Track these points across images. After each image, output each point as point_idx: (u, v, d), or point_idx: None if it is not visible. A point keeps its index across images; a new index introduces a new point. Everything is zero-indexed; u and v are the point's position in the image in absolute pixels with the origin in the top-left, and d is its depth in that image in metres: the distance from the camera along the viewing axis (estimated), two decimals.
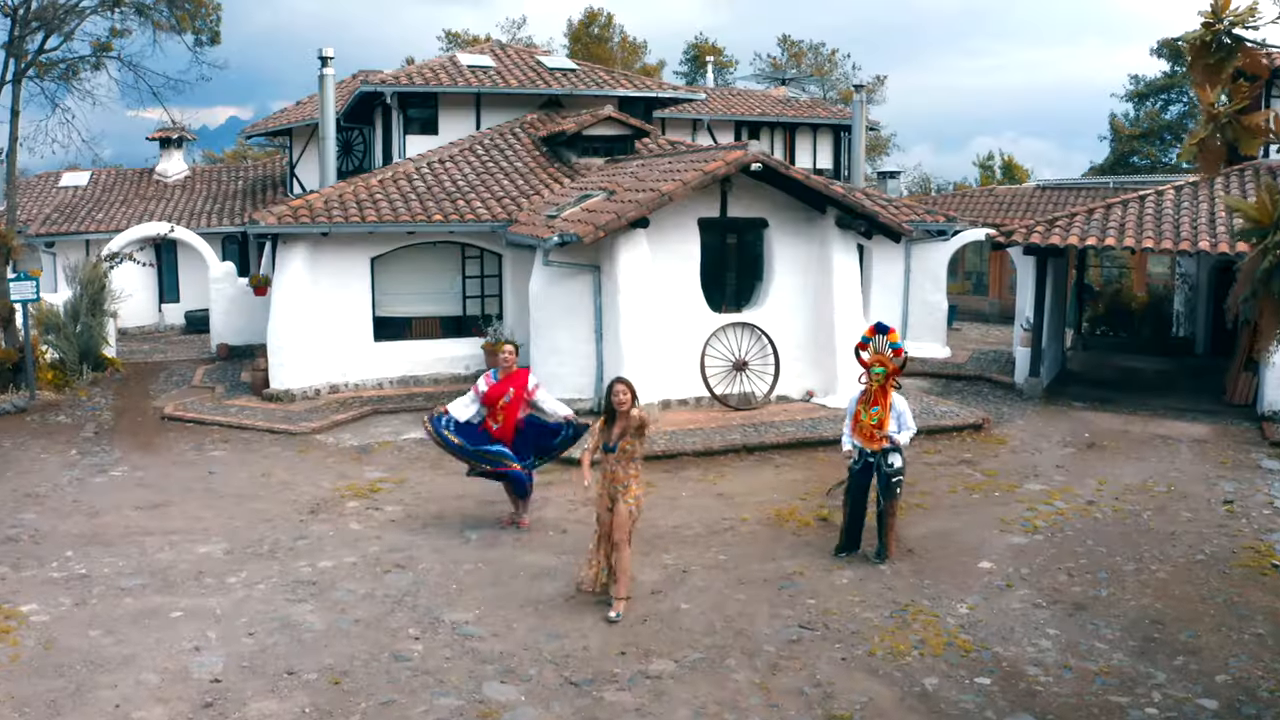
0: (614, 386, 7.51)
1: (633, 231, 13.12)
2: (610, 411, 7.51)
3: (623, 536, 7.43)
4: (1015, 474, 11.38)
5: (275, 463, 11.72)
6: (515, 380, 9.20)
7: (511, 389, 9.16)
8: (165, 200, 24.97)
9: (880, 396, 8.67)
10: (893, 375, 8.80)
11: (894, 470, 8.65)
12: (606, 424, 7.55)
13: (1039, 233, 15.29)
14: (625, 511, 7.44)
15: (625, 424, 7.42)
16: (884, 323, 9.14)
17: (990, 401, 15.09)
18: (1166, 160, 39.82)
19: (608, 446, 7.50)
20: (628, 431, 7.42)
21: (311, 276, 14.81)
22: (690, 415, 13.52)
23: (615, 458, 7.46)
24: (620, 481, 7.47)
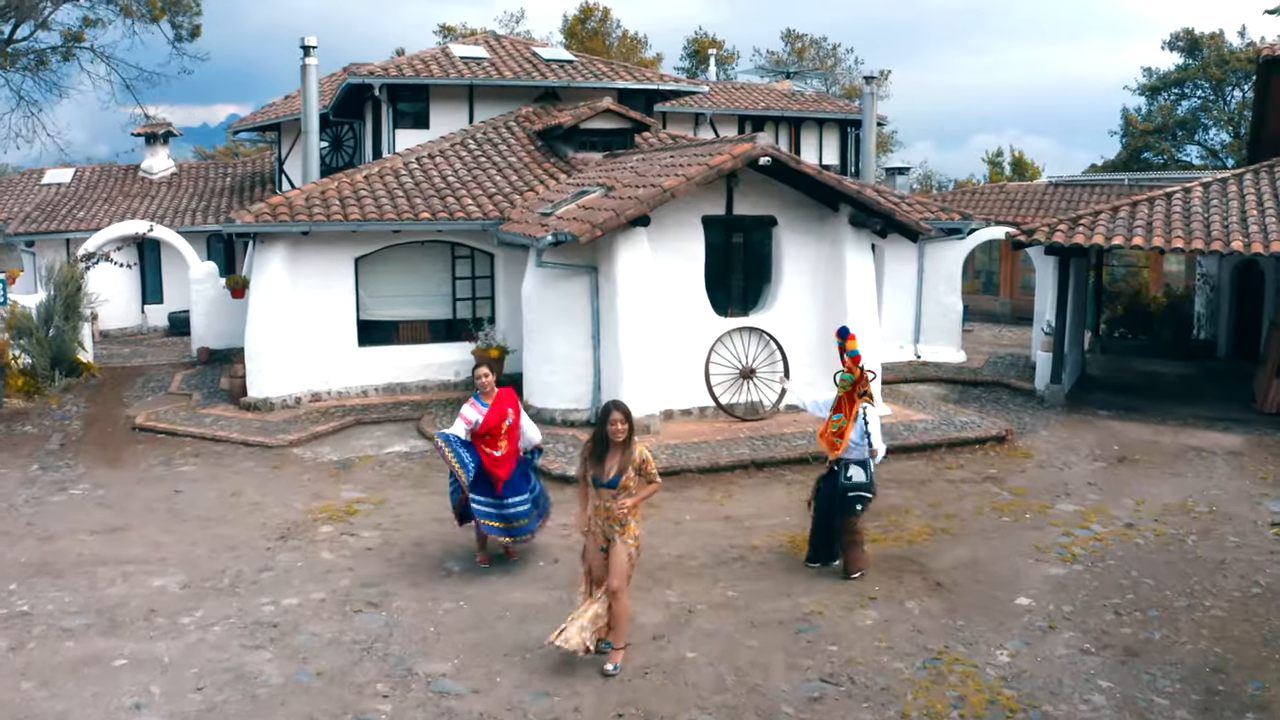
0: (609, 414, 6.57)
1: (632, 230, 12.21)
2: (602, 439, 6.59)
3: (621, 583, 6.51)
4: (1045, 492, 10.48)
5: (247, 480, 10.82)
6: (508, 400, 8.28)
7: (510, 409, 8.23)
8: (150, 198, 24.05)
9: (846, 404, 8.07)
10: (858, 383, 8.14)
11: (851, 484, 8.04)
12: (596, 453, 6.60)
13: (1062, 231, 14.38)
14: (623, 555, 6.51)
15: (622, 458, 6.51)
16: (845, 327, 8.61)
17: (1010, 410, 14.18)
18: (1182, 156, 38.82)
19: (599, 481, 6.56)
20: (627, 467, 6.50)
21: (291, 278, 13.91)
22: (694, 427, 12.62)
23: (612, 494, 6.54)
24: (616, 519, 6.54)
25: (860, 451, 8.15)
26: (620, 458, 6.49)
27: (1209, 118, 39.55)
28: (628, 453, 6.50)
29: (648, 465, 6.55)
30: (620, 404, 6.64)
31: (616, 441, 6.51)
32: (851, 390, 8.24)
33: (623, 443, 6.50)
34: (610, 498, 6.51)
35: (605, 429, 6.54)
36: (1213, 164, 37.57)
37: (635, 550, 6.57)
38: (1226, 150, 38.82)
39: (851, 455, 8.16)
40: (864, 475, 8.17)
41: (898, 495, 10.27)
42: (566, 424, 12.66)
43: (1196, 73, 38.55)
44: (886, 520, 9.46)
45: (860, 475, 8.16)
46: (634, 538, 6.56)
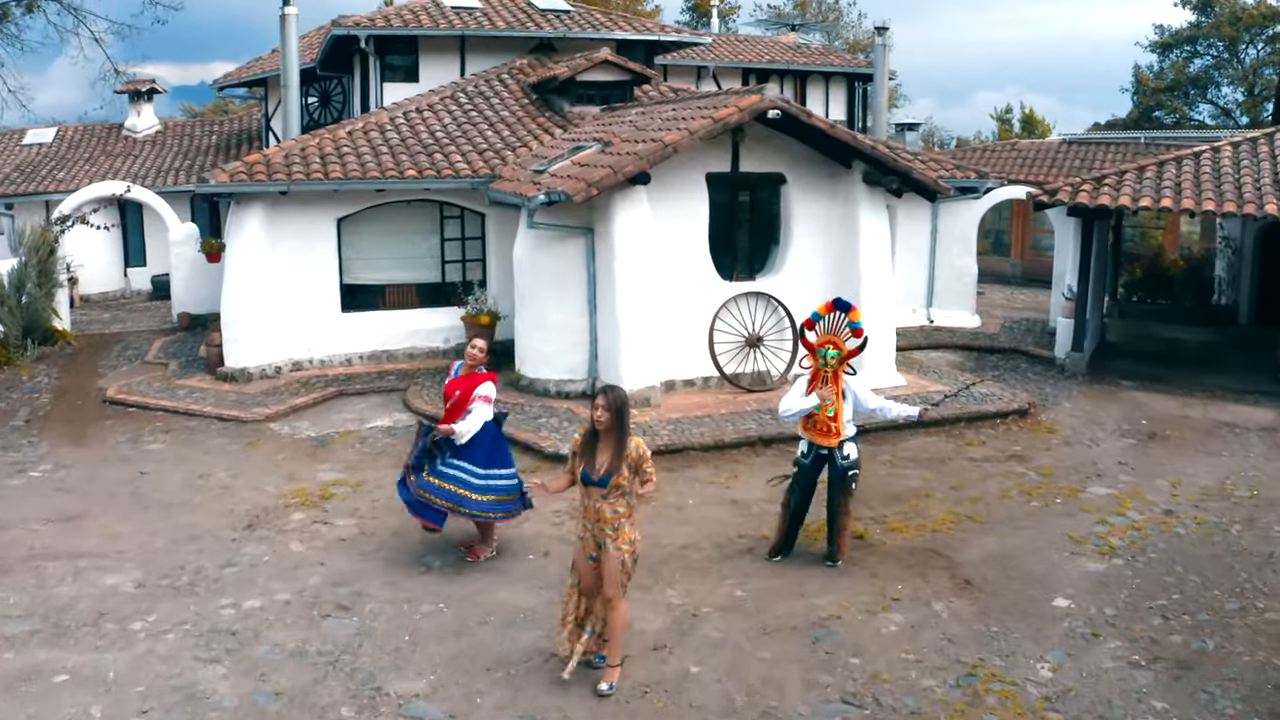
0: (594, 399, 5.70)
1: (631, 189, 11.23)
2: (592, 430, 5.74)
3: (615, 591, 5.68)
4: (1074, 473, 9.64)
5: (218, 460, 9.98)
6: (468, 383, 7.40)
7: (458, 392, 7.37)
8: (133, 157, 22.94)
9: (834, 382, 7.36)
10: (847, 359, 7.42)
11: (851, 464, 7.43)
12: (585, 446, 5.73)
13: (1086, 192, 13.38)
14: (616, 561, 5.67)
15: (613, 453, 5.63)
16: (844, 299, 7.78)
17: (1030, 379, 13.29)
18: (1194, 115, 37.47)
19: (589, 478, 5.69)
20: (620, 465, 5.62)
21: (270, 240, 12.94)
22: (697, 398, 11.75)
23: (602, 493, 5.68)
24: (608, 523, 5.68)
25: (850, 428, 7.51)
26: (611, 452, 5.62)
27: (1222, 75, 38.12)
28: (620, 447, 5.62)
29: (644, 463, 5.67)
30: (611, 389, 5.73)
31: (602, 430, 5.64)
32: (839, 364, 7.44)
33: (612, 434, 5.62)
34: (600, 497, 5.66)
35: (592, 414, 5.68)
36: (1224, 123, 36.27)
37: (630, 557, 5.73)
38: (1240, 109, 37.46)
39: (850, 432, 7.51)
40: (856, 450, 7.55)
41: (917, 476, 9.44)
42: (561, 395, 11.80)
43: (1210, 30, 37.05)
44: (906, 506, 8.63)
45: (854, 451, 7.53)
46: (629, 543, 5.71)
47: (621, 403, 5.64)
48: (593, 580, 5.79)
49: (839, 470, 7.45)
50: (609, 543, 5.66)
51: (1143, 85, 38.41)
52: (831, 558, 7.48)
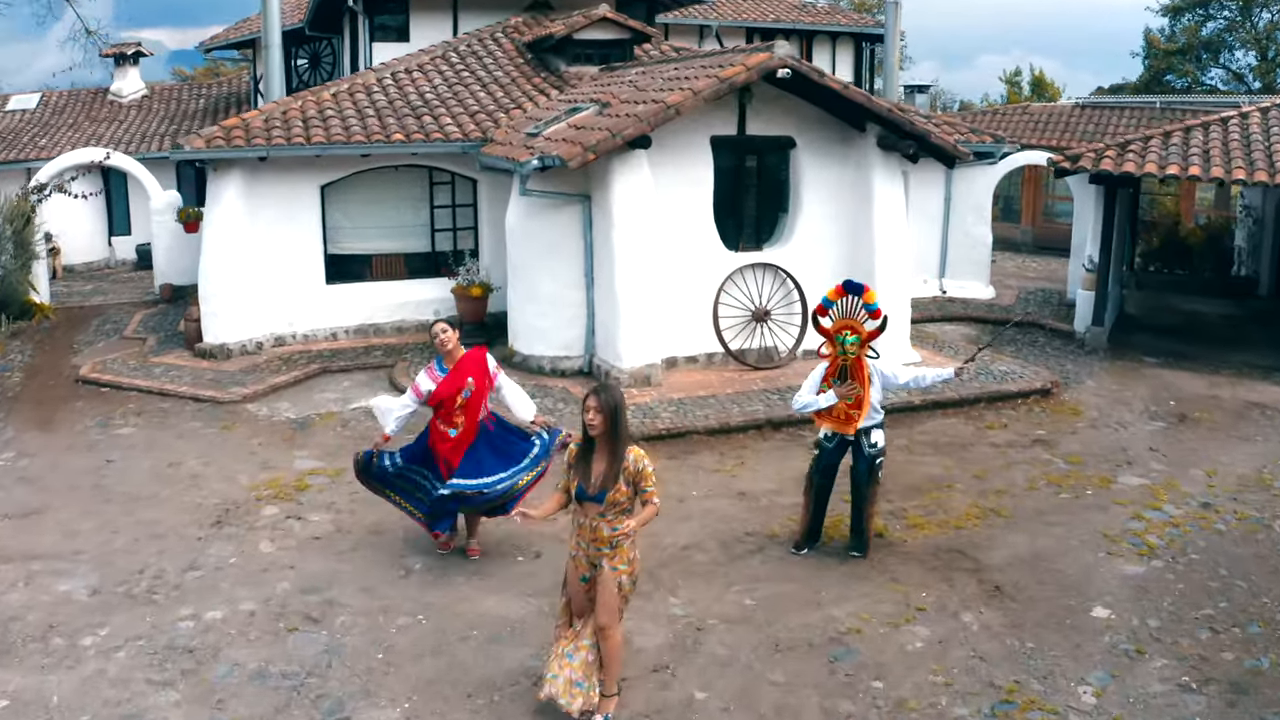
0: (585, 400, 4.95)
1: (630, 153, 10.39)
2: (586, 438, 4.98)
3: (610, 619, 4.97)
4: (1103, 460, 8.92)
5: (190, 445, 9.26)
6: (471, 366, 6.66)
7: (470, 379, 6.59)
8: (118, 123, 21.97)
9: (856, 370, 6.75)
10: (867, 341, 6.78)
11: (878, 450, 6.86)
12: (580, 456, 4.98)
13: (1110, 158, 12.52)
14: (612, 584, 4.96)
15: (610, 465, 4.89)
16: (854, 280, 7.11)
17: (1049, 355, 12.53)
18: (1206, 79, 36.18)
19: (583, 493, 4.95)
20: (617, 477, 4.87)
21: (249, 209, 12.12)
22: (701, 376, 11.01)
23: (598, 510, 4.95)
24: (604, 541, 4.97)
25: (880, 411, 6.88)
26: (607, 463, 4.88)
27: (1235, 39, 36.75)
28: (616, 456, 4.88)
29: (644, 479, 4.91)
30: (604, 389, 4.97)
31: (596, 436, 4.89)
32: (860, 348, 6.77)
33: (607, 440, 4.89)
34: (596, 514, 4.93)
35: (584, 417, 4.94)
36: (1236, 88, 35.03)
37: (628, 578, 5.02)
38: (1254, 73, 36.18)
39: (872, 420, 6.85)
40: (883, 437, 6.94)
41: (936, 464, 8.73)
42: (556, 373, 11.06)
43: None
44: (927, 499, 7.92)
45: (881, 439, 6.91)
46: (626, 562, 5.00)
47: (616, 404, 4.89)
48: (584, 603, 5.08)
49: (865, 459, 6.82)
50: (604, 563, 4.95)
51: (1154, 48, 37.07)
52: (858, 548, 6.89)
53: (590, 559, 4.99)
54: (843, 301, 6.89)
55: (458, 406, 6.56)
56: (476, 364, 6.64)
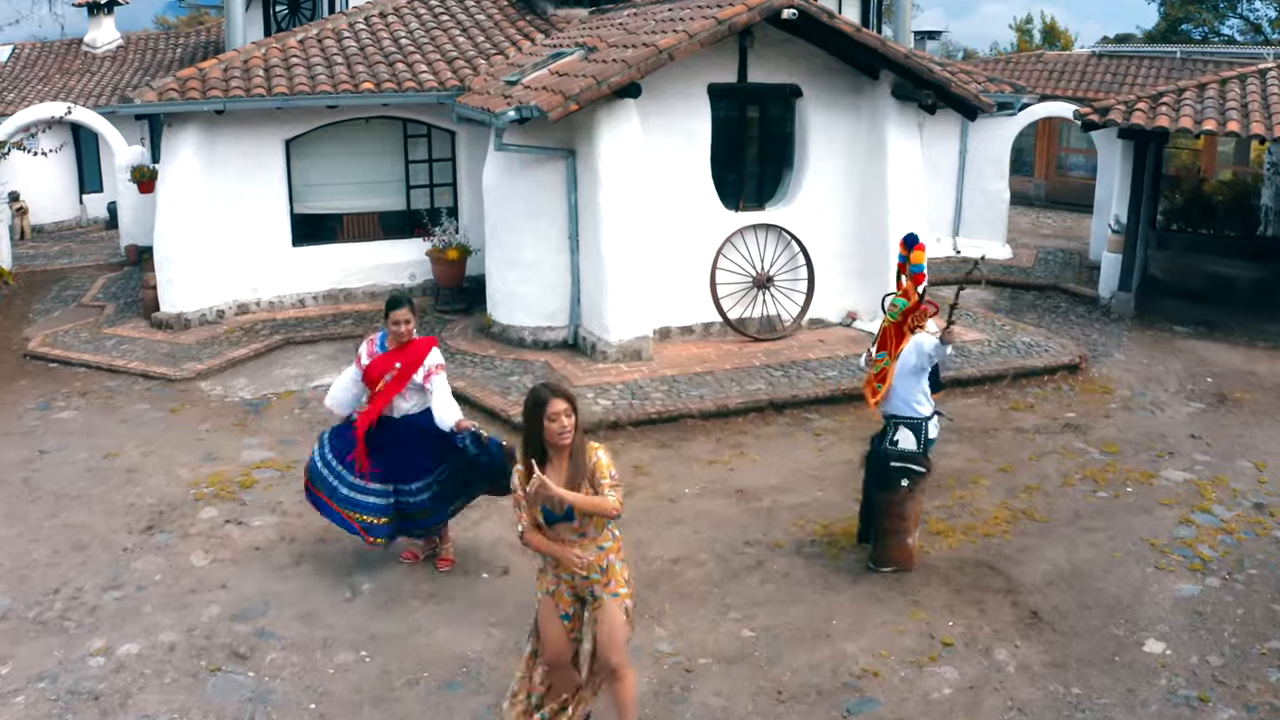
0: (542, 402, 3.87)
1: (618, 103, 9.21)
2: (538, 440, 3.93)
3: (622, 657, 4.00)
4: (1142, 449, 7.90)
5: (132, 432, 8.25)
6: (409, 353, 5.66)
7: (399, 364, 5.64)
8: (90, 75, 20.62)
9: (890, 340, 5.87)
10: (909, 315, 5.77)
11: (895, 452, 5.73)
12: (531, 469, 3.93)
13: (1142, 111, 11.31)
14: (618, 613, 3.99)
15: (572, 471, 3.90)
16: (912, 233, 6.06)
17: (1073, 322, 11.45)
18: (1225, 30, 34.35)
19: (552, 515, 3.94)
20: (580, 486, 3.89)
21: (207, 166, 10.96)
22: (697, 349, 9.96)
23: (573, 529, 3.95)
24: (590, 567, 3.99)
25: (912, 405, 5.76)
26: (570, 471, 3.90)
27: None
28: (580, 460, 3.90)
29: (600, 472, 3.90)
30: (553, 388, 3.95)
31: (561, 445, 3.89)
32: (902, 320, 5.79)
33: (569, 447, 3.89)
34: (573, 535, 3.95)
35: (540, 427, 3.89)
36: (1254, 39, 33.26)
37: (630, 600, 4.06)
38: (1272, 25, 34.34)
39: (899, 410, 5.79)
40: (914, 441, 5.76)
41: (959, 453, 7.71)
42: (538, 345, 10.01)
43: None
44: (951, 499, 6.92)
45: (909, 441, 5.77)
46: (625, 583, 4.03)
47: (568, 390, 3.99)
48: (564, 647, 4.11)
49: (880, 457, 5.82)
50: (600, 591, 3.97)
51: None
52: (872, 560, 5.92)
53: (576, 592, 4.02)
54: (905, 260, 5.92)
55: (378, 389, 5.66)
56: (414, 352, 5.64)
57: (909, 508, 5.78)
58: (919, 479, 5.77)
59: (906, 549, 5.86)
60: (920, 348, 5.64)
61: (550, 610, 4.10)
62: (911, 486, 5.73)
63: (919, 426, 5.76)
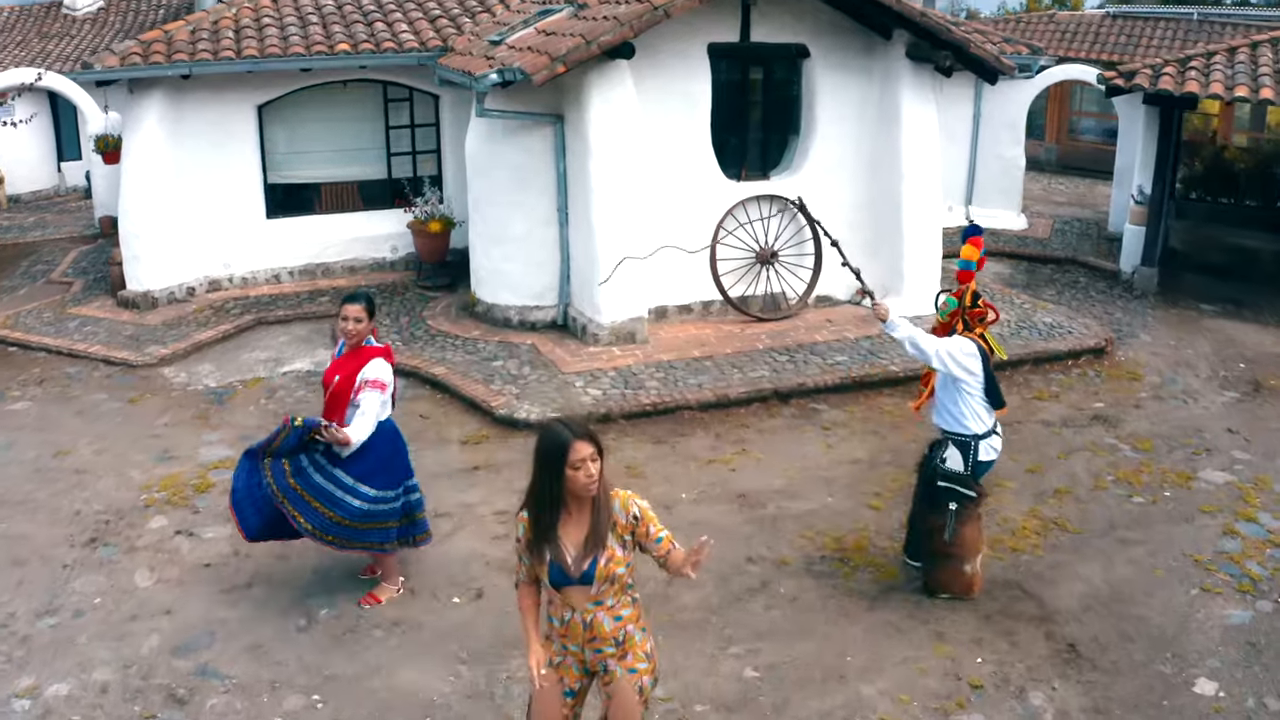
0: (564, 445, 3.10)
1: (610, 64, 8.37)
2: (550, 498, 3.18)
3: None
4: (1176, 446, 7.19)
5: (87, 426, 7.54)
6: (354, 362, 4.94)
7: (338, 377, 4.95)
8: (68, 38, 19.61)
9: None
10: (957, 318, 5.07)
11: (942, 471, 4.98)
12: (541, 525, 3.20)
13: (1170, 76, 10.43)
14: (632, 692, 3.30)
15: (596, 524, 3.18)
16: (974, 224, 5.34)
17: (1094, 299, 10.69)
18: None
19: (561, 577, 3.22)
20: (605, 538, 3.18)
21: (174, 135, 10.12)
22: (695, 331, 9.21)
23: (587, 595, 3.24)
24: (608, 638, 3.27)
25: (960, 421, 4.99)
26: (592, 525, 3.18)
27: None
28: (603, 510, 3.19)
29: (647, 520, 3.24)
30: (575, 426, 3.17)
31: (587, 496, 3.16)
32: (950, 320, 5.06)
33: (596, 495, 3.18)
34: (588, 602, 3.24)
35: (559, 474, 3.13)
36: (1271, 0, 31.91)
37: (650, 678, 3.37)
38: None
39: (947, 425, 5.05)
40: (961, 461, 5.01)
41: None
42: (525, 326, 9.25)
43: None
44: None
45: (957, 461, 5.01)
46: (645, 657, 3.35)
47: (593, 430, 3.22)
48: None
49: (926, 474, 5.10)
50: (614, 666, 3.29)
51: None
52: (926, 587, 5.21)
53: (586, 665, 3.32)
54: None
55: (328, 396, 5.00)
56: (352, 364, 4.91)
57: (961, 533, 5.03)
58: (968, 504, 5.01)
59: (963, 577, 5.14)
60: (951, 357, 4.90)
61: (551, 687, 3.32)
62: (960, 511, 4.98)
63: (967, 446, 5.00)
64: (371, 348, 4.95)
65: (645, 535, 3.23)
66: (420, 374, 8.17)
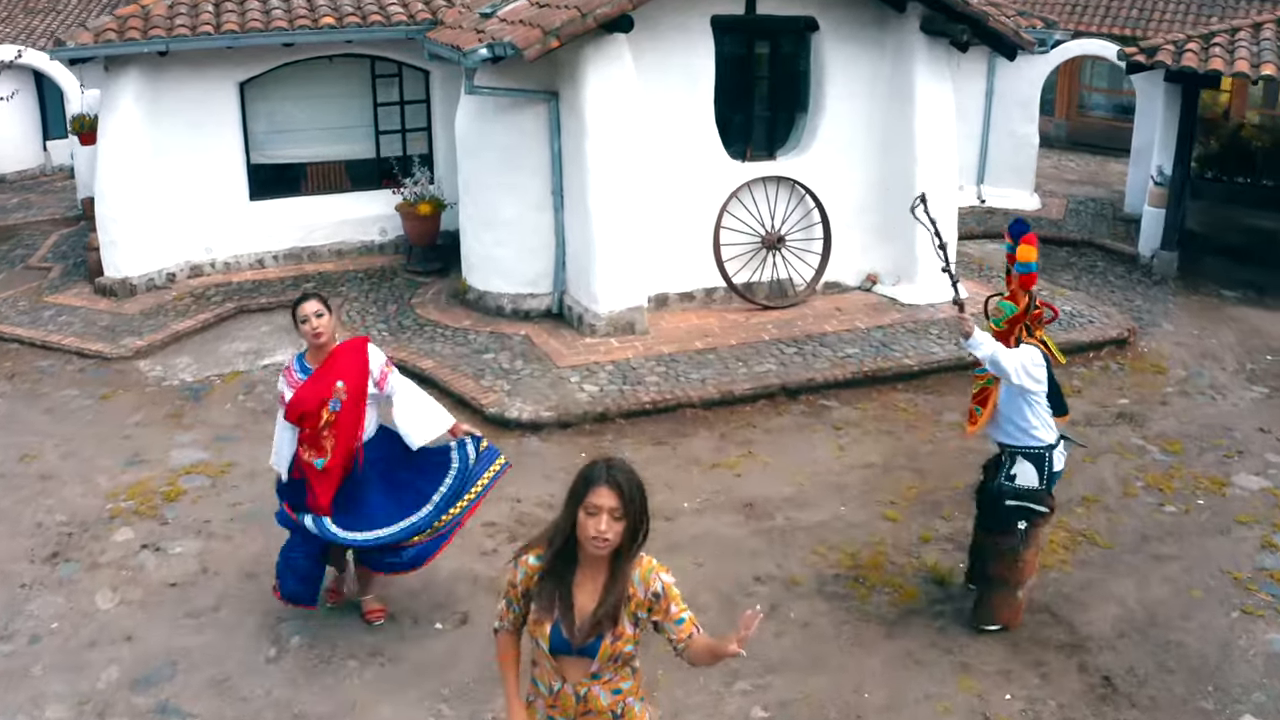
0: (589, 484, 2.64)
1: (607, 38, 7.82)
2: (565, 550, 2.72)
3: None
4: (1207, 447, 6.73)
5: (56, 426, 7.08)
6: (343, 364, 4.39)
7: (341, 382, 4.36)
8: (54, 14, 18.97)
9: None
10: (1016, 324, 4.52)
11: (1012, 489, 4.50)
12: (549, 579, 2.74)
13: (1194, 52, 9.87)
14: None
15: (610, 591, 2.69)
16: (1021, 221, 4.64)
17: (1113, 285, 10.18)
18: None
19: (562, 643, 2.73)
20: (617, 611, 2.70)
21: (152, 115, 9.56)
22: (697, 320, 8.72)
23: (588, 666, 2.76)
24: (604, 711, 2.80)
25: (1030, 433, 4.52)
26: (605, 591, 2.70)
27: None
28: (621, 579, 2.71)
29: (671, 600, 2.77)
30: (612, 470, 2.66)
31: (597, 548, 2.67)
32: (1011, 328, 4.52)
33: (612, 558, 2.71)
34: (584, 675, 2.77)
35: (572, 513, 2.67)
36: None
37: None
38: None
39: (1014, 440, 4.55)
40: (1035, 476, 4.54)
41: None
42: (518, 315, 8.76)
43: None
44: None
45: (1029, 476, 4.54)
46: None
47: (641, 496, 2.68)
48: None
49: (990, 494, 4.64)
50: None
51: None
52: (975, 618, 4.75)
53: None
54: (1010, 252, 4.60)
55: (324, 425, 4.32)
56: (351, 359, 4.38)
57: (1025, 555, 4.61)
58: (1039, 520, 4.59)
59: (1015, 605, 4.71)
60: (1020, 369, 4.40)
61: None
62: (1029, 530, 4.56)
63: (1041, 458, 4.52)
64: (347, 341, 4.46)
65: (665, 614, 2.75)
66: (408, 368, 7.65)
